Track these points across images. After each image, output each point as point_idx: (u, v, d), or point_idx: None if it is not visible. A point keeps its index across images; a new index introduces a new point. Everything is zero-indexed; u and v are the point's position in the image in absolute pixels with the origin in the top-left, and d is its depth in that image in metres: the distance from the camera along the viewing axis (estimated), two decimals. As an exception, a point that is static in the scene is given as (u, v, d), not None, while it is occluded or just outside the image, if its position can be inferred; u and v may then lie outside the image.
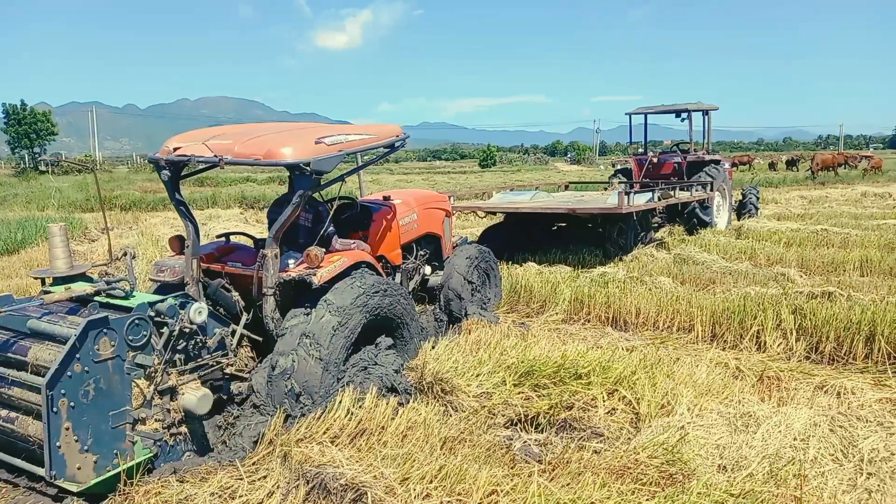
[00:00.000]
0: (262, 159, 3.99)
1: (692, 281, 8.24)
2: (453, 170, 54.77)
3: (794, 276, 8.15)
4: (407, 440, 3.68)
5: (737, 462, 3.52)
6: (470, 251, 6.74)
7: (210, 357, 3.89)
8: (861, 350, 5.44)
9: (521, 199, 11.18)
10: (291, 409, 3.97)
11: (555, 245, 10.53)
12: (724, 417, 4.04)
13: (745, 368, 5.14)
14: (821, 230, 11.76)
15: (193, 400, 3.62)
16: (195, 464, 3.55)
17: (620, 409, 4.30)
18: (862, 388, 4.69)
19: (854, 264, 8.84)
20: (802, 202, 19.39)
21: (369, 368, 4.43)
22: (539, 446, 3.81)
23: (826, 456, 3.57)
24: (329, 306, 4.20)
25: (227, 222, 15.19)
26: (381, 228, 5.56)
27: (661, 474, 3.35)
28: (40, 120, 55.21)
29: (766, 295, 6.70)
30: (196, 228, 4.45)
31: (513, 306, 7.42)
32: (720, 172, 13.30)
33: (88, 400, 3.24)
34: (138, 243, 11.35)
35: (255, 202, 20.83)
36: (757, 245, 10.42)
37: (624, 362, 4.81)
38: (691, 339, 6.18)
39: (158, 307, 3.57)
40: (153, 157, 4.31)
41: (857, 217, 14.53)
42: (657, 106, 14.35)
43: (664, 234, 12.31)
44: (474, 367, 4.81)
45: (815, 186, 26.41)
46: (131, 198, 21.14)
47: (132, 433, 3.43)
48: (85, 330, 3.20)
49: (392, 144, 5.03)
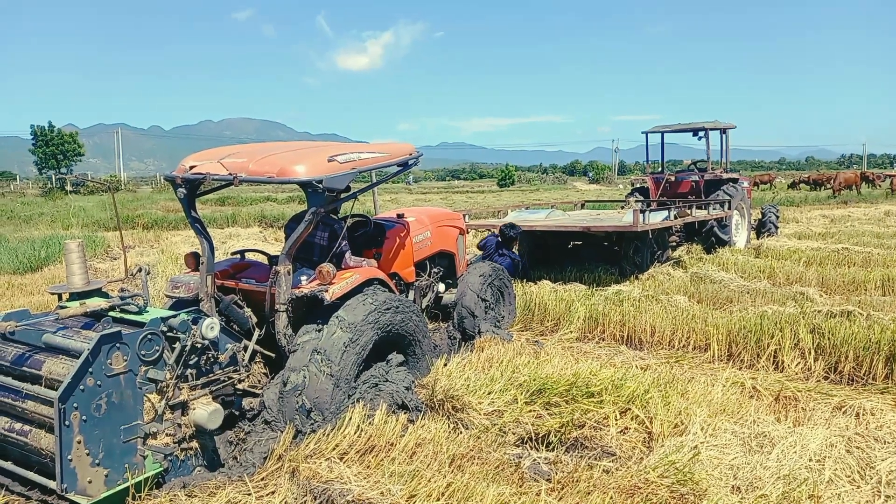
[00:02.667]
0: (276, 177, 4.05)
1: (709, 299, 8.15)
2: (471, 189, 54.90)
3: (813, 296, 8.04)
4: (415, 457, 3.67)
5: (750, 483, 3.46)
6: (484, 269, 6.74)
7: (222, 372, 3.92)
8: (881, 370, 5.34)
9: (536, 218, 11.17)
10: (302, 425, 3.98)
11: (570, 263, 10.49)
12: (739, 437, 3.98)
13: (761, 388, 5.06)
14: (842, 249, 11.59)
15: (204, 415, 3.65)
16: (205, 479, 3.57)
17: (633, 428, 4.25)
18: (882, 409, 4.59)
19: (875, 283, 8.70)
20: (824, 221, 19.14)
21: (380, 385, 4.44)
22: (549, 465, 3.77)
23: (842, 477, 3.50)
24: (341, 323, 4.22)
25: (246, 240, 15.36)
26: (394, 246, 5.59)
27: (672, 494, 3.30)
28: (67, 141, 56.34)
29: (784, 314, 6.60)
30: (211, 245, 4.52)
31: (527, 324, 7.39)
32: (738, 191, 13.19)
33: (100, 414, 3.27)
34: (158, 261, 11.50)
35: (274, 221, 21.03)
36: (776, 264, 10.29)
37: (637, 381, 4.76)
38: (707, 358, 6.10)
39: (171, 322, 3.62)
40: (170, 175, 4.39)
41: (880, 236, 14.31)
42: (674, 125, 14.30)
43: (682, 252, 12.21)
44: (486, 384, 4.78)
45: (838, 206, 26.07)
46: (153, 217, 21.45)
47: (143, 447, 3.46)
48: (98, 344, 3.24)
49: (406, 162, 5.07)
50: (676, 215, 10.34)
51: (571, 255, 11.10)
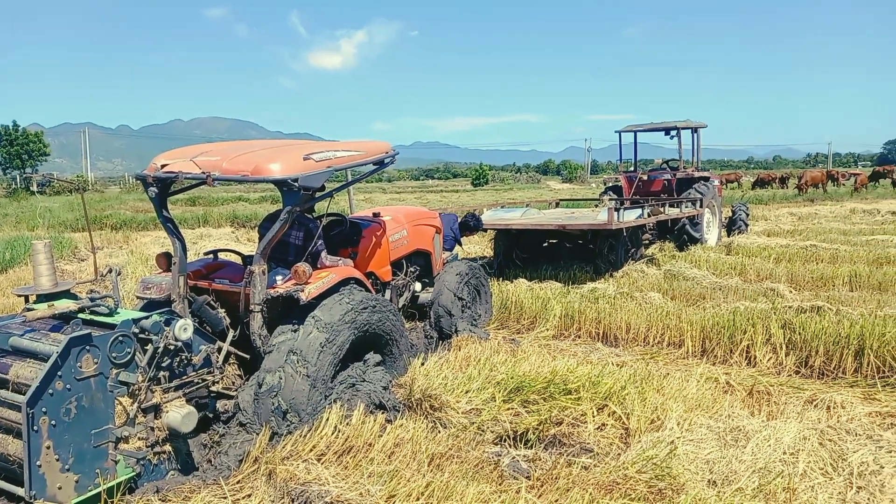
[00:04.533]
0: (250, 175, 3.99)
1: (682, 296, 8.25)
2: (446, 188, 54.88)
3: (783, 292, 8.17)
4: (394, 457, 3.65)
5: (726, 476, 3.50)
6: (460, 267, 6.73)
7: (195, 374, 3.85)
8: (850, 364, 5.45)
9: (511, 216, 11.19)
10: (278, 427, 3.93)
11: (546, 261, 10.54)
12: (714, 432, 4.02)
13: (734, 383, 5.13)
14: (810, 246, 11.82)
15: (178, 418, 3.57)
16: (179, 483, 3.50)
17: (610, 424, 4.28)
18: (851, 402, 4.70)
19: (843, 279, 8.88)
20: (792, 219, 19.50)
21: (357, 385, 4.40)
22: (528, 462, 3.78)
23: (815, 470, 3.55)
24: (317, 323, 4.18)
25: (218, 241, 15.14)
26: (370, 245, 5.55)
27: (650, 489, 3.32)
28: (32, 140, 55.08)
29: (756, 310, 6.70)
30: (183, 245, 4.44)
31: (503, 322, 7.40)
32: (710, 189, 13.37)
33: (70, 418, 3.19)
34: (128, 262, 11.28)
35: (246, 221, 20.77)
36: (747, 261, 10.46)
37: (614, 377, 4.79)
38: (681, 354, 6.17)
39: (143, 324, 3.54)
40: (140, 175, 4.30)
41: (846, 233, 14.62)
42: (647, 124, 14.44)
43: (655, 250, 12.34)
44: (464, 383, 4.77)
45: (805, 203, 26.60)
46: (122, 217, 21.04)
47: (115, 452, 3.38)
48: (67, 347, 3.16)
49: (381, 161, 5.03)
50: (650, 213, 10.45)
51: (547, 253, 11.16)
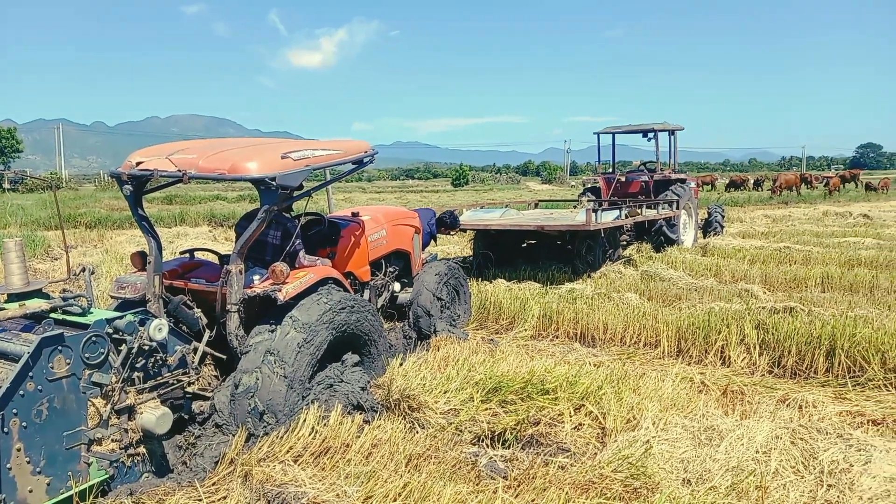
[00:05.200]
0: (227, 174, 3.95)
1: (659, 297, 8.34)
2: (426, 189, 54.88)
3: (757, 293, 8.30)
4: (372, 458, 3.64)
5: (700, 475, 3.54)
6: (439, 268, 6.73)
7: (171, 375, 3.81)
8: (822, 364, 5.54)
9: (490, 217, 11.23)
10: (255, 428, 3.90)
11: (524, 262, 10.58)
12: (689, 431, 4.07)
13: (709, 383, 5.20)
14: (783, 248, 12.02)
15: (152, 419, 3.53)
16: (153, 485, 3.46)
17: (587, 424, 4.31)
18: (823, 402, 4.78)
19: (815, 280, 9.04)
20: (766, 221, 19.81)
21: (335, 386, 4.38)
22: (505, 462, 3.79)
23: (787, 468, 3.61)
24: (294, 323, 4.15)
25: (195, 240, 14.99)
26: (349, 245, 5.53)
27: (626, 488, 3.36)
28: (5, 137, 54.11)
29: (731, 311, 6.80)
30: (159, 244, 4.39)
31: (482, 323, 7.42)
32: (686, 191, 13.53)
33: (42, 420, 3.13)
34: (102, 261, 11.11)
35: (224, 220, 20.57)
36: (722, 262, 10.60)
37: (591, 377, 4.83)
38: (657, 354, 6.24)
39: (116, 324, 3.49)
40: (115, 172, 4.23)
41: (819, 235, 14.89)
42: (625, 126, 14.57)
43: (632, 251, 12.45)
44: (442, 383, 4.78)
45: (779, 205, 27.02)
46: (97, 216, 20.70)
47: (87, 454, 3.33)
48: (39, 347, 3.11)
49: (361, 160, 5.02)
50: (627, 215, 10.54)
51: (526, 253, 11.21)
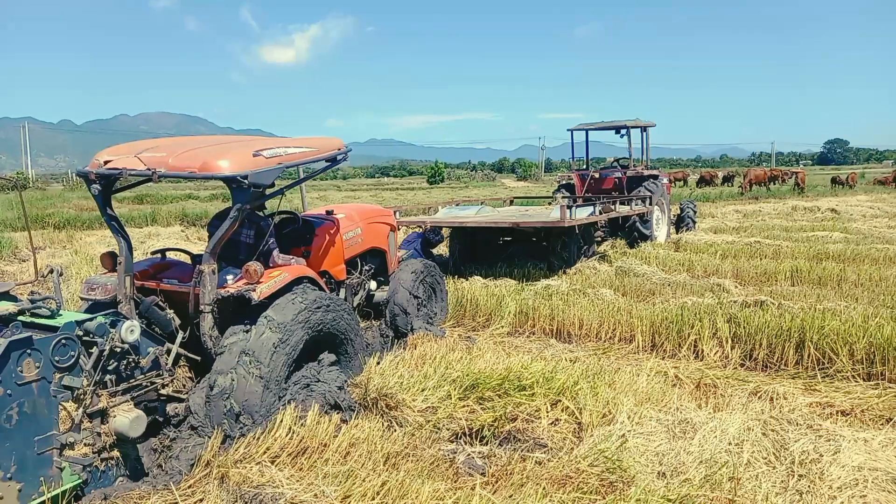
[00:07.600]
0: (198, 172, 3.89)
1: (633, 292, 8.43)
2: (401, 186, 54.76)
3: (729, 287, 8.43)
4: (349, 457, 3.63)
5: (675, 468, 3.59)
6: (415, 265, 6.72)
7: (144, 377, 3.75)
8: (792, 356, 5.65)
9: (466, 214, 11.25)
10: (231, 430, 3.86)
11: (500, 259, 10.62)
12: (663, 425, 4.12)
13: (683, 376, 5.27)
14: (754, 242, 12.22)
15: (126, 422, 3.48)
16: (128, 489, 3.40)
17: (563, 419, 4.34)
18: (793, 393, 4.88)
19: (785, 274, 9.21)
20: (737, 216, 20.12)
21: (312, 385, 4.35)
22: (483, 459, 3.80)
23: (759, 459, 3.68)
24: (270, 323, 4.11)
25: (167, 240, 14.77)
26: (324, 243, 5.50)
27: (602, 482, 3.39)
28: (-33, 135, 52.77)
29: (703, 305, 6.90)
30: (129, 244, 4.32)
31: (459, 320, 7.43)
32: (659, 187, 13.68)
33: (11, 425, 3.07)
34: (71, 262, 10.90)
35: (196, 220, 20.29)
36: (694, 257, 10.75)
37: (567, 373, 4.86)
38: (632, 349, 6.31)
39: (87, 326, 3.43)
40: (82, 171, 4.15)
41: (788, 230, 15.17)
42: (598, 122, 14.69)
43: (607, 247, 12.57)
44: (419, 381, 4.77)
45: (749, 201, 27.47)
46: (65, 216, 20.27)
47: (59, 459, 3.27)
48: (7, 350, 3.04)
49: (334, 157, 4.99)
50: (601, 211, 10.63)
51: (501, 250, 11.25)
